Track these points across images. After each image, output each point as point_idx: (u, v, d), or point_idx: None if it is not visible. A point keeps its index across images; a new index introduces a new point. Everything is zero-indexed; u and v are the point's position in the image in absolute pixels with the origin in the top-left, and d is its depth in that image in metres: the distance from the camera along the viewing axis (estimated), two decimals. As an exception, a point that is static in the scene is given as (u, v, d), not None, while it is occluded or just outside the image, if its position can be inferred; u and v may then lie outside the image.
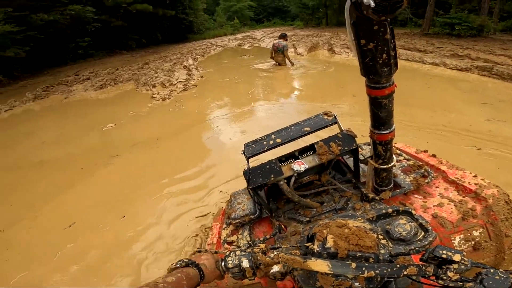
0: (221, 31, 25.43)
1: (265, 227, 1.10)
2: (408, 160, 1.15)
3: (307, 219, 1.00)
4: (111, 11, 14.05)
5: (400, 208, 0.80)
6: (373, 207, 0.92)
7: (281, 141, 1.01)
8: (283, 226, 1.02)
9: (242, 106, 4.29)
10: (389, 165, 0.90)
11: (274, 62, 7.02)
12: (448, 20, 10.06)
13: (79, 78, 7.61)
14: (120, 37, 15.43)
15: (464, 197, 0.93)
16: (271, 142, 1.03)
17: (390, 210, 0.80)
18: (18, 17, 9.64)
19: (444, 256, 0.56)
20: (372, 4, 0.51)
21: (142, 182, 2.60)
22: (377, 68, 0.69)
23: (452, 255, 0.55)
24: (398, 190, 0.99)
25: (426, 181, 1.01)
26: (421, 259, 0.60)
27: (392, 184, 0.98)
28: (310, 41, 10.42)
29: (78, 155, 3.29)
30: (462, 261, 0.55)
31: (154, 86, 5.78)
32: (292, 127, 1.07)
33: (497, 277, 0.50)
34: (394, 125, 0.83)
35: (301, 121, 1.09)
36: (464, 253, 0.57)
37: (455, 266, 0.54)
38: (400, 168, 1.11)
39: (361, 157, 1.06)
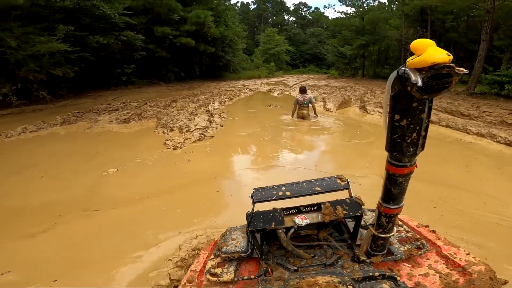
0: (255, 73, 26.31)
1: (252, 266, 1.10)
2: (407, 232, 1.15)
3: (295, 268, 1.01)
4: (158, 41, 15.14)
5: (386, 273, 0.84)
6: (361, 268, 0.94)
7: (290, 195, 1.04)
8: (269, 270, 1.02)
9: (254, 166, 3.87)
10: (388, 235, 0.91)
11: (297, 118, 6.94)
12: (498, 78, 9.07)
13: (109, 108, 7.81)
14: (161, 68, 16.44)
15: (451, 270, 0.95)
16: (281, 193, 1.05)
17: (376, 273, 0.84)
18: (78, 36, 10.33)
19: None
20: (420, 84, 0.52)
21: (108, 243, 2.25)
22: (403, 146, 0.68)
23: None
24: (390, 257, 1.00)
25: (419, 252, 1.02)
26: None
27: (385, 251, 1.00)
28: (341, 96, 10.09)
29: (62, 200, 2.99)
30: None
31: (171, 130, 5.61)
32: (304, 184, 1.09)
33: None
34: (403, 202, 0.83)
35: (314, 180, 1.11)
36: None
37: None
38: (398, 238, 1.10)
39: (362, 223, 1.08)
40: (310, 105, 6.79)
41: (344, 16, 24.57)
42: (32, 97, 9.58)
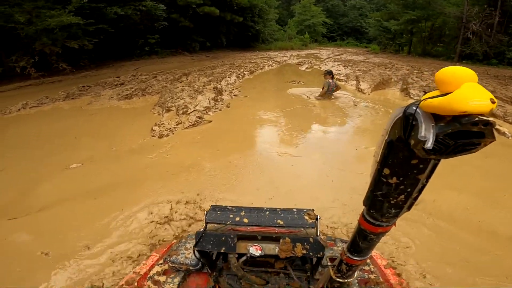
0: (288, 44, 24.34)
1: (201, 280, 1.03)
2: (371, 273, 1.05)
3: None
4: (181, 10, 14.08)
5: None
6: None
7: (247, 222, 0.95)
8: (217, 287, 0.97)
9: (244, 177, 2.89)
10: (346, 281, 0.83)
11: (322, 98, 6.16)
12: None
13: (115, 82, 7.18)
14: (185, 37, 15.48)
15: None
16: (238, 218, 0.96)
17: None
18: (94, 8, 9.93)
19: None
20: (429, 145, 0.35)
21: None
22: (384, 207, 0.53)
23: None
24: None
25: None
26: None
27: None
28: (379, 75, 8.37)
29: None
30: None
31: (168, 110, 4.78)
32: (267, 212, 0.99)
33: None
34: (369, 255, 0.72)
35: (279, 210, 1.00)
36: None
37: None
38: (359, 278, 1.01)
39: (329, 255, 1.03)
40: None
41: (392, -13, 21.43)
42: (52, 68, 9.44)
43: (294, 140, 3.85)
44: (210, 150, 3.44)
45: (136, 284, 0.98)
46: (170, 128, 4.00)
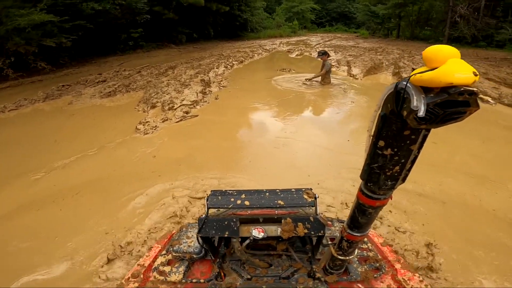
0: (277, 32, 23.78)
1: (205, 268, 1.02)
2: (370, 250, 1.07)
3: (249, 277, 0.95)
4: (165, 2, 13.47)
5: None
6: (315, 286, 0.91)
7: (249, 205, 0.94)
8: (222, 274, 0.96)
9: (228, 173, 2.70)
10: (347, 258, 0.85)
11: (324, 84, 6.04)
12: None
13: (96, 79, 6.78)
14: (171, 29, 14.90)
15: None
16: (239, 201, 0.95)
17: None
18: (69, 4, 9.44)
19: None
20: (422, 113, 0.38)
21: None
22: (380, 179, 0.56)
23: None
24: (345, 277, 0.95)
25: (375, 275, 0.97)
26: None
27: (342, 270, 0.95)
28: (370, 60, 8.19)
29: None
30: None
31: (153, 106, 4.51)
32: (267, 193, 0.98)
33: None
34: (369, 230, 0.76)
35: (279, 191, 0.99)
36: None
37: None
38: (358, 257, 1.03)
39: (327, 235, 1.02)
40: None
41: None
42: (30, 68, 8.97)
43: (286, 130, 3.67)
44: (200, 143, 3.24)
45: (142, 276, 0.97)
46: (156, 126, 3.75)
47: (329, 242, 0.97)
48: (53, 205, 2.26)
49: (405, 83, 0.41)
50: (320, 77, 5.98)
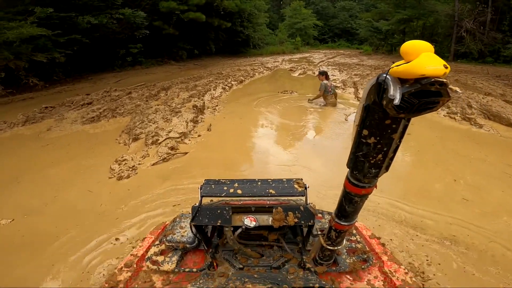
0: (279, 49, 23.64)
1: (198, 258, 1.03)
2: (358, 242, 1.09)
3: (241, 266, 0.96)
4: (165, 17, 13.25)
5: (326, 286, 0.83)
6: (305, 276, 0.92)
7: (241, 193, 0.95)
8: (214, 264, 0.97)
9: None
10: (336, 248, 0.88)
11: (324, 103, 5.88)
12: None
13: (82, 101, 6.22)
14: (171, 46, 14.64)
15: None
16: (232, 190, 0.96)
17: (317, 285, 0.83)
18: (64, 18, 9.11)
19: None
20: (397, 102, 0.41)
21: None
22: (365, 167, 0.59)
23: None
24: (334, 268, 0.97)
25: (363, 266, 0.99)
26: None
27: (332, 261, 0.96)
28: (378, 81, 7.65)
29: None
30: None
31: (135, 139, 3.93)
32: (259, 183, 1.00)
33: None
34: (356, 219, 0.78)
35: (270, 180, 1.01)
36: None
37: None
38: (347, 248, 1.05)
39: (314, 231, 1.01)
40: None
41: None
42: (22, 84, 8.53)
43: (290, 170, 3.06)
44: (184, 197, 2.62)
45: (135, 266, 0.96)
46: (134, 166, 3.15)
47: (319, 233, 0.96)
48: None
49: (385, 75, 0.44)
50: (322, 97, 5.89)
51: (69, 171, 3.24)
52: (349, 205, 0.71)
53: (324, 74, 5.82)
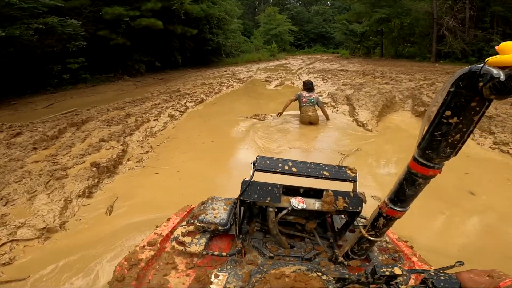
0: (255, 56, 21.79)
1: (225, 243, 0.98)
2: (388, 242, 1.09)
3: (271, 255, 0.90)
4: (111, 26, 10.84)
5: (361, 278, 0.75)
6: (337, 269, 0.84)
7: (296, 172, 0.90)
8: (243, 251, 0.92)
9: None
10: (377, 240, 0.83)
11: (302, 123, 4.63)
12: None
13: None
14: (125, 58, 12.21)
15: None
16: (286, 167, 0.91)
17: (352, 277, 0.76)
18: None
19: (387, 273, 0.60)
20: (502, 77, 0.45)
21: None
22: (441, 145, 0.60)
23: (393, 270, 0.60)
24: (367, 263, 0.94)
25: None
26: (366, 283, 0.63)
27: (365, 256, 0.92)
28: (379, 93, 5.76)
29: None
30: (403, 273, 0.59)
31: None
32: (312, 165, 0.96)
33: (442, 278, 0.57)
34: (409, 207, 0.74)
35: (323, 164, 0.98)
36: (399, 265, 0.72)
37: (401, 278, 0.59)
38: (378, 247, 1.04)
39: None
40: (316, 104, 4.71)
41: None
42: None
43: None
44: None
45: (158, 245, 0.90)
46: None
47: (360, 224, 0.95)
48: None
49: (480, 65, 0.48)
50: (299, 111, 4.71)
51: None
52: (410, 188, 0.69)
53: (305, 85, 4.88)
